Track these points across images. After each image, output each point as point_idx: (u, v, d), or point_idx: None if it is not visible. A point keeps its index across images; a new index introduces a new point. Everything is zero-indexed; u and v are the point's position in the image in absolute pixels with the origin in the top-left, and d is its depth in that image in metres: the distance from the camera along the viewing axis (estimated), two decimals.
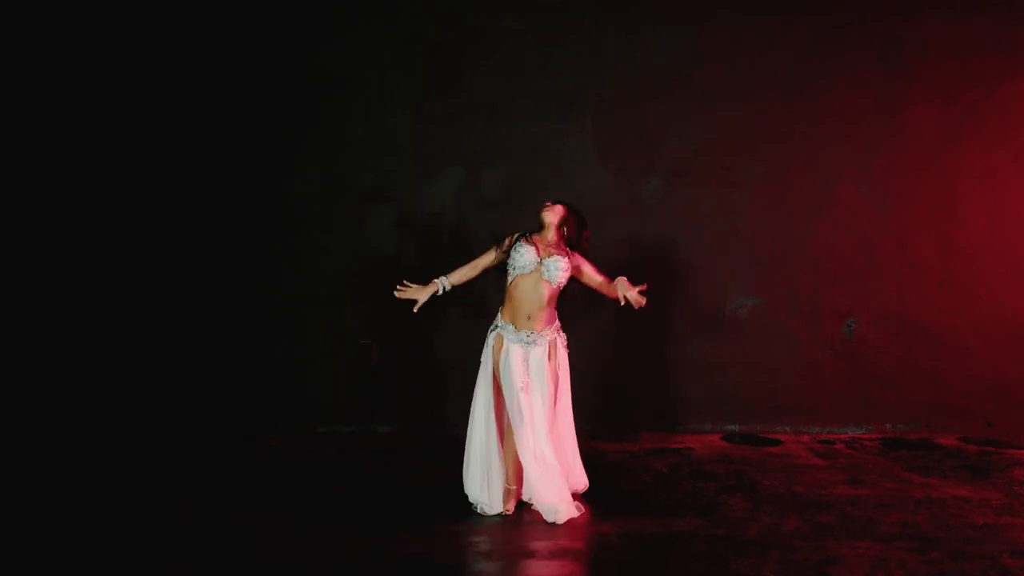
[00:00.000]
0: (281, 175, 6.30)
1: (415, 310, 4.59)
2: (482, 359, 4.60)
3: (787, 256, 6.33)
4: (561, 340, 4.62)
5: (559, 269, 4.49)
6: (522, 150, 6.25)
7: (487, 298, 5.91)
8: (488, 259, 4.62)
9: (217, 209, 6.28)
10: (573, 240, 4.62)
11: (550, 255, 4.51)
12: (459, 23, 6.31)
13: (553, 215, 4.60)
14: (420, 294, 4.57)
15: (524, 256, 4.48)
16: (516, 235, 4.61)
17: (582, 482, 4.67)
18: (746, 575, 3.58)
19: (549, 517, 4.29)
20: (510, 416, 4.42)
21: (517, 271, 4.49)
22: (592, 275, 4.65)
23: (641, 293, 4.47)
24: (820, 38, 6.28)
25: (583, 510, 4.42)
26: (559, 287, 4.53)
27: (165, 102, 6.24)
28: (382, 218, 6.34)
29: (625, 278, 4.49)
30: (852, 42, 6.28)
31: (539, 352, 4.50)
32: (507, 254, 4.55)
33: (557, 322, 4.63)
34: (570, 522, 4.28)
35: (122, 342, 6.24)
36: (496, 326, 4.57)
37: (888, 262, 6.34)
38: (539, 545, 3.97)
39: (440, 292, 4.59)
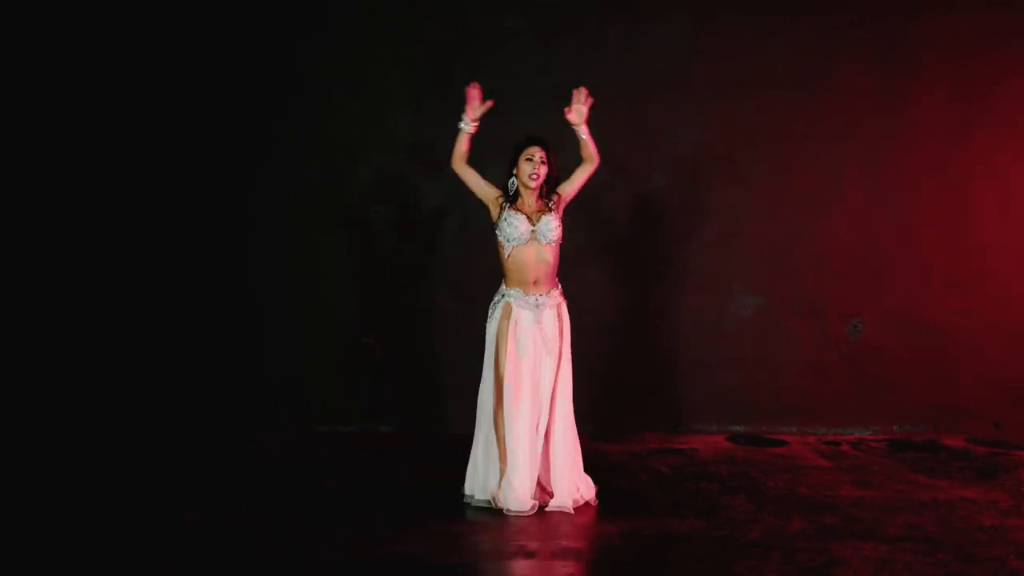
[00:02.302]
0: (281, 175, 6.29)
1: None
2: (487, 338, 4.45)
3: (791, 255, 6.31)
4: (564, 307, 4.51)
5: (552, 229, 4.39)
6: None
7: (488, 292, 5.92)
8: (483, 192, 4.49)
9: (217, 209, 6.28)
10: (551, 186, 4.50)
11: (539, 219, 4.40)
12: (459, 23, 6.31)
13: (538, 179, 4.43)
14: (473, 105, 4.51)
15: (517, 228, 4.36)
16: (502, 200, 4.46)
17: (586, 487, 4.51)
18: None
19: (513, 506, 4.27)
20: (511, 391, 4.31)
21: (512, 243, 4.38)
22: (572, 180, 4.52)
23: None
24: (823, 35, 6.26)
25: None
26: (559, 241, 4.45)
27: (165, 102, 6.25)
28: (382, 217, 6.34)
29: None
30: (856, 39, 6.26)
31: (550, 315, 4.41)
32: (496, 217, 4.42)
33: (560, 287, 4.53)
34: (571, 522, 4.27)
35: (122, 342, 6.24)
36: (502, 295, 4.45)
37: (894, 261, 6.31)
38: (540, 545, 3.93)
39: (462, 125, 4.51)
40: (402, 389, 6.31)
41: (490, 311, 4.47)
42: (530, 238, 4.38)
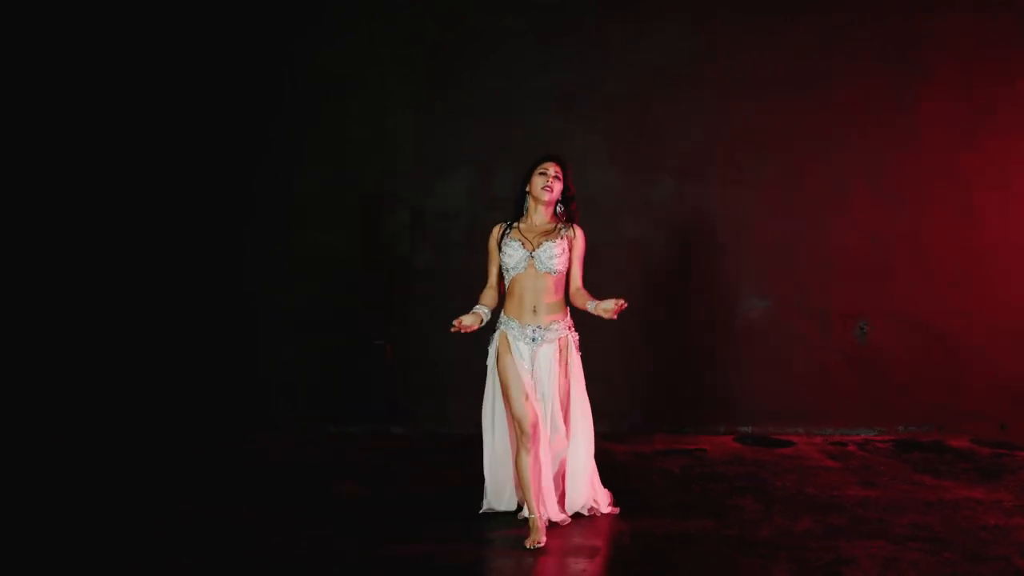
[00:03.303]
0: (281, 174, 6.32)
1: (461, 328, 4.05)
2: (488, 364, 4.21)
3: (798, 257, 6.32)
4: (573, 339, 4.22)
5: (555, 256, 4.08)
6: (523, 149, 6.20)
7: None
8: (495, 269, 4.22)
9: (219, 209, 6.30)
10: (568, 214, 4.22)
11: (540, 244, 4.10)
12: (459, 23, 6.33)
13: (551, 192, 4.14)
14: (472, 322, 4.05)
15: (512, 256, 4.09)
16: (501, 228, 4.20)
17: (603, 499, 4.35)
18: (756, 574, 3.56)
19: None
20: (517, 427, 4.05)
21: (511, 272, 4.11)
22: (575, 266, 4.18)
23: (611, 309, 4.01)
24: (831, 35, 6.27)
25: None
26: (561, 273, 4.14)
27: (166, 103, 6.27)
28: (384, 218, 6.36)
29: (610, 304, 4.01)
30: (864, 39, 6.27)
31: (547, 351, 4.10)
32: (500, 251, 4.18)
33: (569, 318, 4.23)
34: (582, 521, 4.27)
35: (123, 342, 6.25)
36: (499, 324, 4.17)
37: (901, 263, 6.31)
38: (550, 543, 3.95)
39: (484, 321, 4.12)
40: (406, 389, 6.32)
41: (490, 338, 4.20)
42: (528, 265, 4.09)
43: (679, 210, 6.32)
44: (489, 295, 4.20)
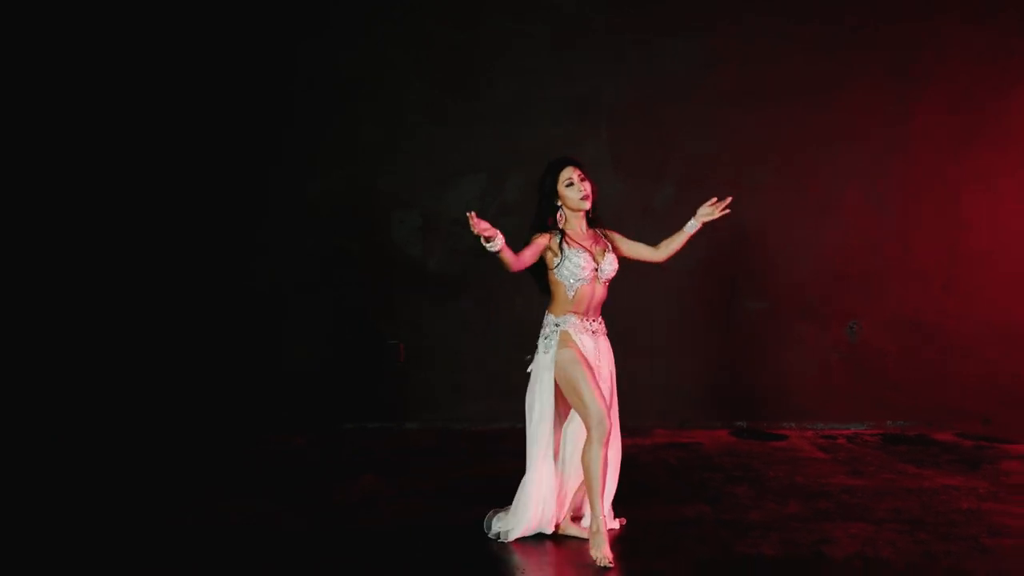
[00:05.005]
0: (295, 177, 6.48)
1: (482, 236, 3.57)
2: (534, 368, 3.97)
3: (795, 259, 6.49)
4: None
5: (614, 268, 4.03)
6: (533, 154, 6.39)
7: (511, 298, 6.11)
8: (537, 252, 3.88)
9: (233, 210, 6.43)
10: (597, 215, 4.09)
11: (602, 255, 4.00)
12: (471, 28, 6.48)
13: (589, 201, 3.97)
14: (484, 229, 3.54)
15: (583, 268, 3.90)
16: (556, 238, 3.92)
17: (609, 513, 4.07)
18: (747, 553, 3.85)
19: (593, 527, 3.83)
20: (595, 421, 3.78)
21: (576, 283, 3.91)
22: (631, 245, 4.15)
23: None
24: (831, 44, 6.44)
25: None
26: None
27: (180, 107, 6.38)
28: (397, 221, 6.53)
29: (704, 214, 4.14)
30: (863, 48, 6.44)
31: (605, 345, 4.03)
32: (556, 258, 3.90)
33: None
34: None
35: (141, 343, 6.34)
36: (556, 325, 3.92)
37: (893, 266, 6.50)
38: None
39: (493, 248, 3.60)
40: (424, 387, 6.49)
41: (541, 345, 3.95)
42: (592, 277, 3.95)
43: (682, 214, 6.39)
44: (512, 257, 3.74)
